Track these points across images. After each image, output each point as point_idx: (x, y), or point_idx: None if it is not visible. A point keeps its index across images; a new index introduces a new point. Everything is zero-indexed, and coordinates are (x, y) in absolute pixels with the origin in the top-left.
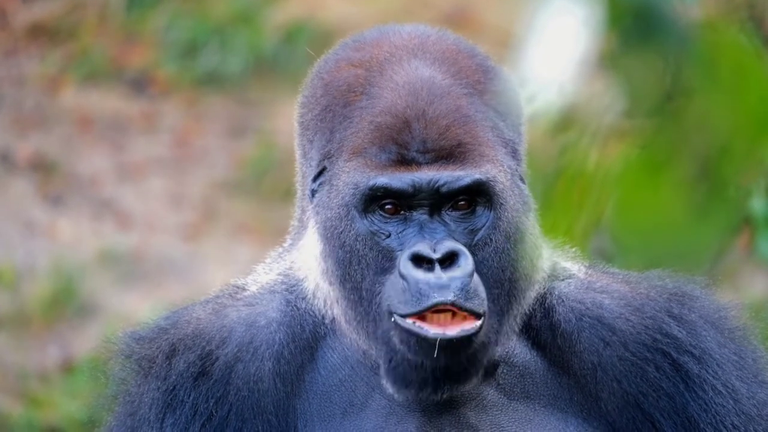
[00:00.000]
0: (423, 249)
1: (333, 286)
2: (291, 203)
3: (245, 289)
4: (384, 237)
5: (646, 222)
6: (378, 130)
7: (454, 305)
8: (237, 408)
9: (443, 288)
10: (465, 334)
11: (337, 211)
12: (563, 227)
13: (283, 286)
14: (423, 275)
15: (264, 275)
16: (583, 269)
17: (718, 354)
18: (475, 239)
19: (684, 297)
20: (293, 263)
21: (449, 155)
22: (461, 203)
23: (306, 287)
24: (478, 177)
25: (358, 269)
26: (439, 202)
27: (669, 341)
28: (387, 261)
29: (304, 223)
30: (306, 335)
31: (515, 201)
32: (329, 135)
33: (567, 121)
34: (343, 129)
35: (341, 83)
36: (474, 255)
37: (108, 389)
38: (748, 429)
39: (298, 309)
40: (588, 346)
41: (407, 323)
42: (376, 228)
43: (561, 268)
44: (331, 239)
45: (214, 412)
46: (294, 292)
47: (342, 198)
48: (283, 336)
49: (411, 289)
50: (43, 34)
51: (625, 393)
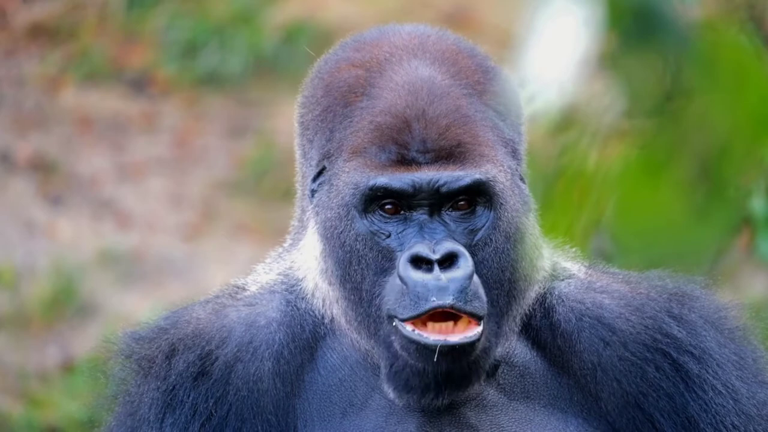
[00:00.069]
0: (422, 250)
1: (333, 286)
2: (291, 203)
3: (245, 289)
4: (384, 237)
5: (646, 222)
6: (378, 130)
7: (453, 308)
8: (236, 408)
9: (442, 290)
10: (467, 341)
11: (337, 211)
12: (563, 227)
13: (283, 286)
14: (422, 277)
15: (264, 275)
16: (583, 269)
17: (718, 354)
18: (475, 239)
19: (684, 297)
20: (293, 263)
21: (449, 155)
22: (461, 203)
23: (306, 287)
24: (478, 177)
25: (357, 269)
26: (439, 202)
27: (669, 341)
28: (387, 261)
29: (304, 223)
30: (306, 335)
31: (515, 201)
32: (329, 135)
33: (567, 121)
34: (343, 129)
35: (342, 84)
36: (474, 255)
37: (108, 389)
38: (748, 429)
39: (298, 309)
40: (588, 345)
41: (407, 330)
42: (376, 228)
43: (561, 267)
44: (331, 239)
45: (213, 412)
46: (294, 292)
47: (342, 198)
48: (283, 336)
49: (410, 293)
50: (43, 34)
51: (625, 393)
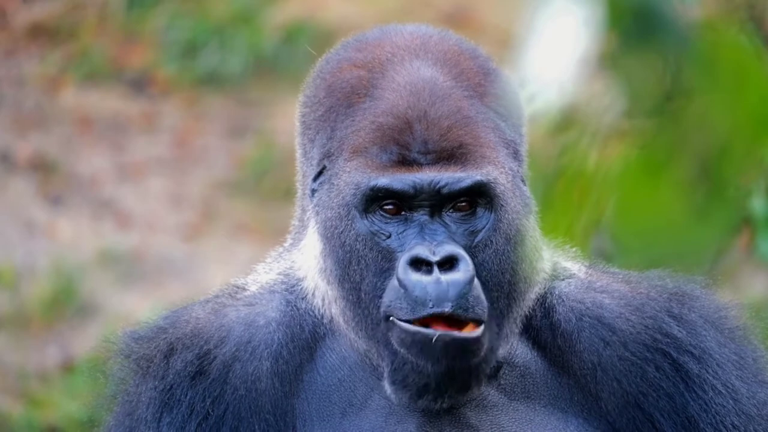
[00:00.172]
0: (422, 252)
1: (332, 285)
2: (291, 203)
3: (245, 289)
4: (384, 237)
5: (645, 222)
6: (379, 130)
7: (453, 315)
8: (234, 407)
9: (441, 296)
10: (470, 336)
11: (338, 211)
12: (563, 227)
13: (283, 285)
14: (421, 279)
15: (264, 275)
16: (584, 269)
17: (718, 354)
18: (476, 241)
19: (684, 297)
20: (293, 263)
21: (450, 156)
22: (462, 204)
23: (306, 287)
24: (479, 178)
25: (357, 269)
26: (440, 203)
27: (669, 341)
28: (387, 261)
29: (304, 223)
30: (305, 335)
31: (516, 203)
32: (330, 134)
33: (567, 121)
34: (345, 128)
35: (344, 84)
36: (474, 257)
37: (107, 389)
38: (748, 429)
39: (297, 309)
40: (588, 345)
41: (405, 325)
42: (376, 228)
43: (561, 267)
44: (331, 239)
45: (210, 411)
46: (294, 292)
47: (342, 198)
48: (282, 336)
49: (408, 296)
50: (43, 34)
51: (625, 393)
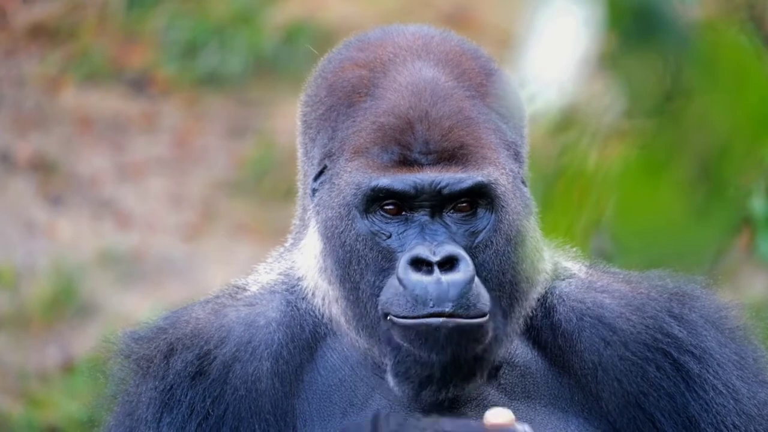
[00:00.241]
0: (422, 252)
1: (332, 285)
2: (291, 203)
3: (245, 289)
4: (385, 237)
5: (646, 222)
6: (381, 130)
7: (454, 315)
8: (234, 407)
9: (442, 296)
10: (472, 321)
11: (338, 211)
12: (563, 227)
13: (284, 286)
14: (421, 279)
15: (265, 275)
16: (584, 269)
17: (718, 354)
18: (476, 241)
19: (685, 297)
20: (294, 263)
21: (451, 157)
22: (463, 205)
23: (306, 287)
24: (480, 179)
25: (357, 269)
26: (441, 203)
27: (670, 341)
28: (387, 261)
29: (305, 222)
30: (306, 335)
31: (517, 204)
32: (332, 134)
33: (567, 121)
34: (346, 128)
35: (345, 84)
36: (474, 258)
37: (107, 389)
38: (748, 429)
39: (298, 309)
40: (589, 345)
41: (405, 321)
42: (377, 228)
43: (562, 267)
44: (332, 238)
45: (210, 411)
46: (294, 292)
47: (343, 198)
48: (282, 336)
49: (408, 294)
50: (43, 34)
51: (626, 393)
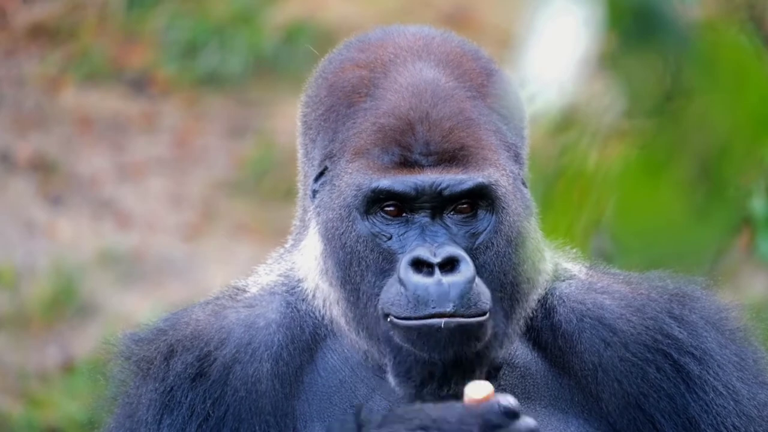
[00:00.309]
0: (423, 253)
1: (333, 287)
2: (291, 203)
3: (245, 291)
4: (385, 239)
5: (646, 222)
6: (381, 131)
7: (455, 315)
8: (234, 409)
9: (443, 296)
10: (473, 320)
11: (339, 212)
12: (563, 227)
13: (284, 287)
14: (422, 281)
15: (265, 276)
16: (584, 270)
17: (719, 355)
18: (477, 243)
19: (685, 298)
20: (294, 264)
21: (452, 158)
22: (463, 206)
23: (306, 288)
24: (480, 181)
25: (358, 270)
26: (442, 205)
27: (670, 342)
28: (387, 263)
29: (305, 223)
30: (306, 337)
31: (517, 205)
32: (332, 135)
33: (567, 121)
34: (347, 129)
35: (345, 84)
36: (475, 259)
37: (107, 391)
38: (748, 430)
39: (298, 310)
40: (589, 346)
41: (407, 322)
42: (377, 230)
43: (562, 269)
44: (332, 240)
45: (210, 412)
46: (294, 293)
47: (344, 199)
48: (282, 337)
49: (409, 295)
50: (43, 34)
51: (626, 394)
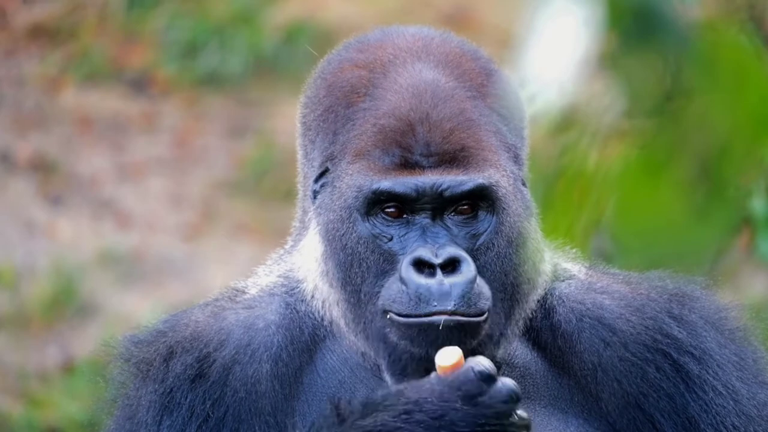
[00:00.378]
0: (425, 254)
1: (333, 288)
2: (291, 203)
3: (245, 292)
4: (386, 240)
5: (646, 222)
6: (381, 132)
7: (456, 313)
8: (234, 409)
9: (444, 295)
10: (471, 319)
11: (339, 214)
12: (564, 227)
13: (283, 288)
14: (424, 281)
15: (264, 277)
16: (584, 270)
17: (718, 355)
18: (477, 244)
19: (684, 297)
20: (294, 265)
21: (453, 159)
22: (464, 207)
23: (306, 289)
24: (481, 182)
25: (358, 272)
26: (442, 206)
27: (669, 342)
28: (388, 264)
29: (305, 224)
30: (305, 338)
31: (517, 206)
32: (332, 136)
33: (567, 122)
34: (346, 131)
35: (344, 84)
36: (476, 260)
37: (107, 393)
38: (748, 429)
39: (297, 312)
40: (588, 346)
41: (406, 319)
42: (378, 231)
43: (562, 269)
44: (333, 241)
45: (210, 413)
46: (294, 294)
47: (344, 200)
48: (282, 338)
49: (411, 293)
50: (43, 34)
51: (626, 393)
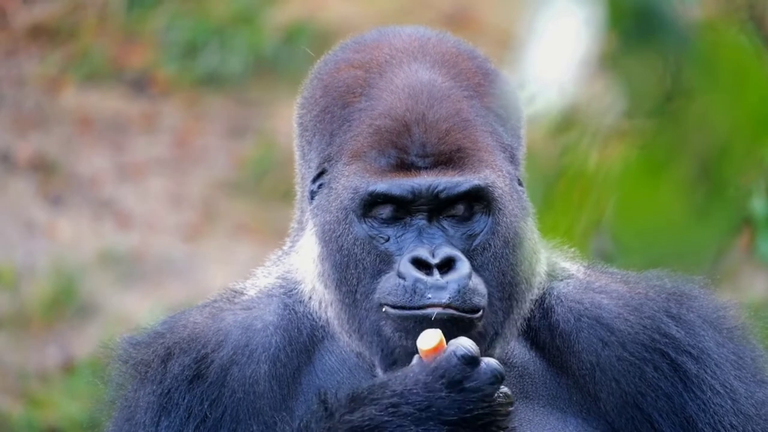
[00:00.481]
0: (423, 254)
1: (329, 288)
2: (291, 204)
3: (243, 293)
4: (383, 241)
5: (646, 222)
6: (377, 133)
7: (450, 307)
8: (232, 410)
9: (439, 289)
10: (465, 315)
11: (336, 215)
12: (564, 227)
13: (281, 289)
14: (422, 276)
15: (263, 279)
16: (582, 269)
17: (716, 354)
18: (474, 244)
19: (682, 297)
20: (292, 266)
21: (448, 160)
22: (460, 208)
23: (303, 290)
24: (476, 183)
25: (354, 273)
26: (438, 207)
27: (667, 341)
28: (384, 265)
29: (303, 225)
30: (303, 338)
31: (513, 206)
32: (329, 138)
33: (567, 122)
34: (343, 132)
35: (340, 84)
36: (473, 260)
37: (106, 394)
38: (746, 429)
39: (295, 312)
40: (586, 346)
41: (401, 311)
42: (374, 232)
43: (560, 268)
44: (329, 242)
45: (208, 414)
46: (292, 295)
47: (341, 202)
48: (280, 339)
49: (408, 286)
50: (43, 34)
51: (624, 393)
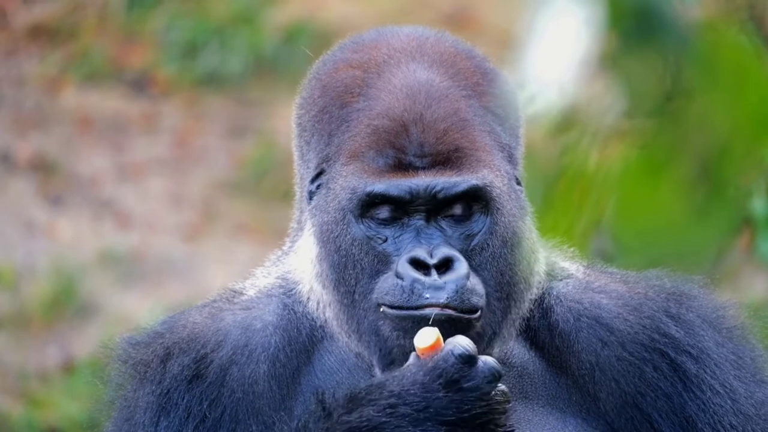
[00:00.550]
0: (421, 254)
1: (327, 289)
2: (291, 204)
3: (242, 294)
4: (380, 242)
5: (646, 222)
6: (375, 133)
7: (448, 307)
8: (231, 410)
9: (437, 289)
10: (463, 315)
11: (334, 215)
12: (564, 227)
13: (281, 289)
14: (420, 276)
15: (262, 279)
16: (582, 269)
17: (716, 353)
18: (472, 244)
19: (682, 296)
20: (290, 266)
21: (446, 160)
22: (458, 208)
23: (302, 290)
24: (474, 183)
25: (352, 273)
26: (436, 207)
27: (667, 341)
28: (382, 265)
29: (301, 225)
30: (302, 339)
31: (512, 206)
32: (327, 138)
33: (567, 122)
34: (341, 132)
35: (338, 84)
36: (471, 260)
37: (105, 394)
38: (746, 429)
39: (295, 313)
40: (586, 346)
41: (399, 311)
42: (372, 233)
43: (559, 268)
44: (327, 243)
45: (207, 413)
46: (291, 295)
47: (339, 202)
48: (279, 339)
49: (405, 286)
50: (43, 34)
51: (624, 393)
